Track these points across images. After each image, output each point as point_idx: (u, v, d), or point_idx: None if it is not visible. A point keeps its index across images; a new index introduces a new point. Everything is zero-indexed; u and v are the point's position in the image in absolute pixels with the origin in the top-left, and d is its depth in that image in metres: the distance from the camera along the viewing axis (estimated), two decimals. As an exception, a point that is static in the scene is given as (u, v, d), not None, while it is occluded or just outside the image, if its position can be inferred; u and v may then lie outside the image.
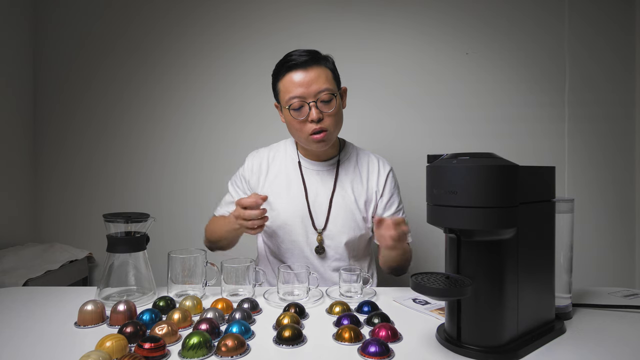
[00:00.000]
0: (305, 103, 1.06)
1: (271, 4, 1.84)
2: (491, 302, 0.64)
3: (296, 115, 1.08)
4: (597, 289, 0.97)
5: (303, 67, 1.07)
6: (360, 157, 1.24)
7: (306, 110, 1.07)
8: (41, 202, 1.89)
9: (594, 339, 0.70)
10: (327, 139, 1.10)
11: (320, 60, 1.10)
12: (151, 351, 0.61)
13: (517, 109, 1.80)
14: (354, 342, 0.67)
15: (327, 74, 1.10)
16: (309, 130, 1.08)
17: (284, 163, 1.22)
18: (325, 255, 1.16)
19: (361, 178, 1.20)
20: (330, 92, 1.08)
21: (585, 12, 1.79)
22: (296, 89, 1.06)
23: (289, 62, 1.08)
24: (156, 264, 0.97)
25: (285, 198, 1.16)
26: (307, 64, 1.07)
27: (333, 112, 1.09)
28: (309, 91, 1.06)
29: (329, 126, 1.09)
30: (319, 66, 1.09)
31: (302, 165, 1.20)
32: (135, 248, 0.89)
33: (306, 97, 1.06)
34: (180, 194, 1.86)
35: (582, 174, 1.80)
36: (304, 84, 1.06)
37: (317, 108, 1.06)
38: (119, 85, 1.87)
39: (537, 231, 0.70)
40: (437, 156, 0.69)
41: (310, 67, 1.07)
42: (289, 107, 1.08)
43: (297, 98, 1.06)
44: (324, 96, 1.07)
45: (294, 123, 1.10)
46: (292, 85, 1.07)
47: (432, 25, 1.82)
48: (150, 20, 1.86)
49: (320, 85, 1.06)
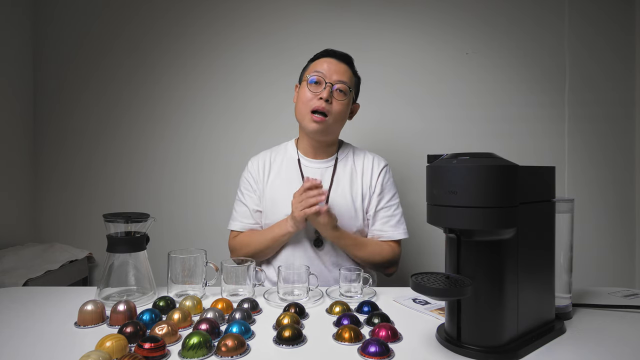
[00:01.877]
0: (324, 81, 1.17)
1: (270, 4, 1.84)
2: (491, 302, 0.64)
3: (312, 88, 1.18)
4: (597, 289, 0.97)
5: (338, 59, 1.22)
6: (356, 155, 1.30)
7: (321, 87, 1.17)
8: (41, 202, 1.89)
9: (594, 339, 0.70)
10: (325, 124, 1.17)
11: (353, 65, 1.25)
12: (151, 351, 0.61)
13: (518, 109, 1.80)
14: (354, 342, 0.67)
15: (352, 77, 1.23)
16: (314, 106, 1.16)
17: (284, 162, 1.28)
18: (324, 248, 1.19)
19: (357, 175, 1.26)
20: (348, 87, 1.19)
21: (585, 11, 1.79)
22: (323, 68, 1.19)
23: (329, 50, 1.24)
24: (156, 264, 0.97)
25: (286, 194, 1.19)
26: (342, 58, 1.22)
27: (342, 104, 1.19)
28: (332, 75, 1.18)
29: (332, 114, 1.17)
30: (350, 68, 1.23)
31: (301, 163, 1.26)
32: (135, 248, 0.89)
33: (326, 77, 1.18)
34: (180, 194, 1.86)
35: (582, 174, 1.80)
36: (331, 69, 1.19)
37: (331, 92, 1.17)
38: (119, 85, 1.87)
39: (537, 231, 0.70)
40: (437, 156, 0.69)
41: (343, 62, 1.22)
42: (308, 77, 1.19)
43: (319, 74, 1.18)
44: (341, 86, 1.18)
45: (304, 94, 1.19)
46: (322, 64, 1.20)
47: (432, 25, 1.82)
48: (150, 20, 1.86)
49: (343, 77, 1.19)
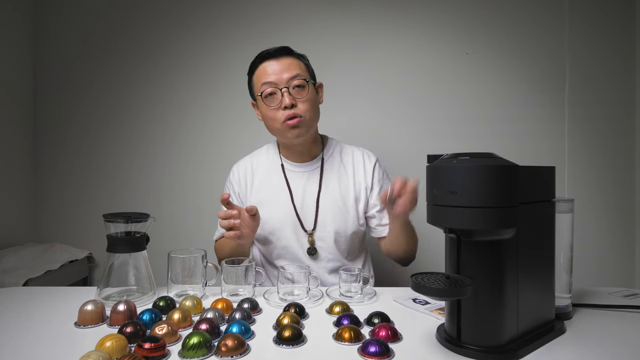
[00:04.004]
0: (278, 89, 1.07)
1: (272, 5, 1.84)
2: (491, 302, 0.64)
3: (269, 102, 1.08)
4: (597, 289, 0.97)
5: (275, 57, 1.10)
6: (344, 152, 1.23)
7: (279, 97, 1.07)
8: (41, 202, 1.89)
9: (594, 339, 0.70)
10: (301, 124, 1.08)
11: (292, 52, 1.13)
12: (151, 351, 0.61)
13: (517, 109, 1.80)
14: (354, 342, 0.67)
15: (300, 64, 1.12)
16: (282, 117, 1.07)
17: (266, 169, 1.21)
18: (318, 256, 1.15)
19: (347, 174, 1.19)
20: (302, 77, 1.09)
21: (585, 11, 1.79)
22: (268, 76, 1.08)
23: (262, 54, 1.12)
24: (156, 264, 0.97)
25: (272, 205, 1.15)
26: (279, 53, 1.10)
27: (306, 98, 1.09)
28: (281, 78, 1.07)
29: (303, 112, 1.08)
30: (291, 57, 1.11)
31: (285, 168, 1.19)
32: (135, 248, 0.89)
33: (278, 84, 1.07)
34: (180, 194, 1.86)
35: (582, 174, 1.80)
36: (276, 72, 1.08)
37: (290, 94, 1.07)
38: (119, 86, 1.87)
39: (537, 231, 0.70)
40: (437, 156, 0.69)
41: (282, 57, 1.10)
42: (261, 94, 1.09)
43: (268, 84, 1.08)
44: (296, 82, 1.08)
45: (267, 112, 1.10)
46: (264, 74, 1.09)
47: (432, 25, 1.82)
48: (151, 21, 1.86)
49: (292, 72, 1.08)
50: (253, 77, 1.14)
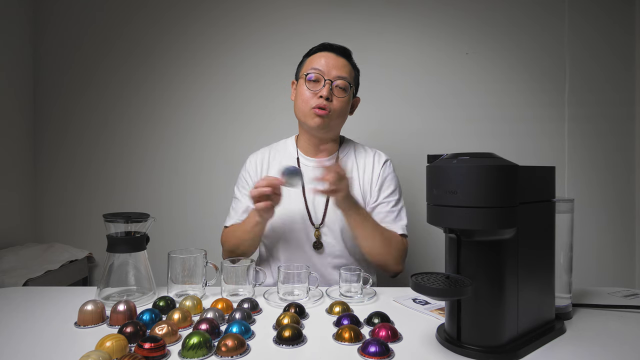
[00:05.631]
0: (323, 78, 1.13)
1: (271, 4, 1.84)
2: (491, 302, 0.64)
3: (310, 86, 1.14)
4: (597, 289, 0.97)
5: (335, 53, 1.17)
6: (357, 152, 1.27)
7: (320, 85, 1.14)
8: (41, 202, 1.89)
9: (594, 339, 0.70)
10: (328, 118, 1.14)
11: (351, 58, 1.21)
12: (151, 351, 0.61)
13: (517, 109, 1.80)
14: (354, 342, 0.67)
15: (351, 71, 1.19)
16: (314, 104, 1.13)
17: (283, 160, 1.24)
18: (324, 251, 1.16)
19: (358, 172, 1.22)
20: (348, 82, 1.16)
21: (585, 12, 1.79)
22: (321, 65, 1.14)
23: (325, 44, 1.19)
24: (156, 264, 0.97)
25: (284, 196, 1.16)
26: (339, 51, 1.18)
27: (342, 101, 1.15)
28: (330, 72, 1.14)
29: (334, 109, 1.14)
30: (349, 61, 1.19)
31: (300, 162, 1.23)
32: (135, 248, 0.89)
33: (325, 74, 1.13)
34: (180, 193, 1.86)
35: (582, 174, 1.80)
36: (329, 64, 1.15)
37: (331, 89, 1.13)
38: (119, 85, 1.87)
39: (537, 231, 0.70)
40: (437, 156, 0.69)
41: (340, 55, 1.17)
42: (306, 75, 1.15)
43: (317, 71, 1.14)
44: (341, 82, 1.15)
45: (304, 92, 1.15)
46: (319, 60, 1.16)
47: (432, 25, 1.82)
48: (150, 20, 1.86)
49: (342, 72, 1.15)
50: (307, 60, 1.20)
